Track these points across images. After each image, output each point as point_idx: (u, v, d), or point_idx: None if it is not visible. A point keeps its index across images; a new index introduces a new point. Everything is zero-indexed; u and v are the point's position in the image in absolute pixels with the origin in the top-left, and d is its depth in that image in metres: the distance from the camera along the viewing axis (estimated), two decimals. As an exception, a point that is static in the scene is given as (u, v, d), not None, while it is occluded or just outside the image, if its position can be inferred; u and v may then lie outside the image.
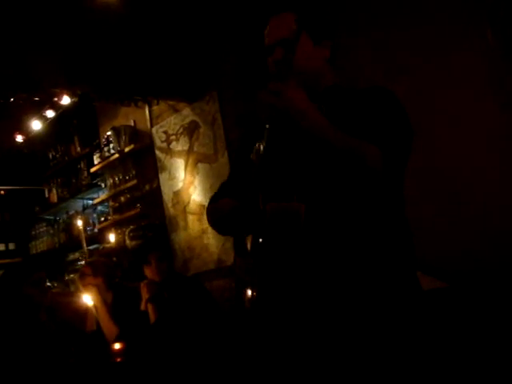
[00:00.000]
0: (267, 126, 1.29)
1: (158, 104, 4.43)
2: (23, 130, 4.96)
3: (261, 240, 1.27)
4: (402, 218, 1.44)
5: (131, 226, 4.47)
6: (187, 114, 4.27)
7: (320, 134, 1.28)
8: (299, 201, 1.25)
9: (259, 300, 1.24)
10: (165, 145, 4.45)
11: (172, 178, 4.39)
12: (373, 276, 1.33)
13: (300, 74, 1.41)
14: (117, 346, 2.73)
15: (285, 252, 1.31)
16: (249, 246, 1.32)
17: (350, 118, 1.37)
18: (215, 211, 1.53)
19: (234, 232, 1.38)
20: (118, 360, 2.70)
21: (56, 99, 4.20)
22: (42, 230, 5.79)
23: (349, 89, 1.51)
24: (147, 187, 4.59)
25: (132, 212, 4.57)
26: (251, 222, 1.30)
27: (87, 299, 2.99)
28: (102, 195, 4.99)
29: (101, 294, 3.16)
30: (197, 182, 4.18)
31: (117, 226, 4.71)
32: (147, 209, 4.53)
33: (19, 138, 5.06)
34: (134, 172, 4.63)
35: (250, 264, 1.27)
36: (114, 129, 4.75)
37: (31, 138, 5.07)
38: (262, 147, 1.28)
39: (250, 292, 1.22)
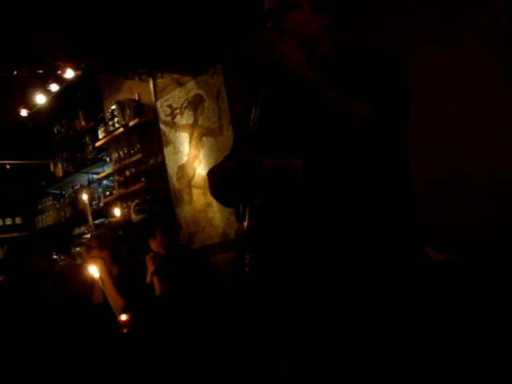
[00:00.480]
0: (261, 89, 1.28)
1: (162, 77, 4.40)
2: (27, 104, 4.96)
3: (258, 202, 1.25)
4: (405, 179, 1.43)
5: (136, 200, 4.48)
6: (191, 87, 4.24)
7: (308, 87, 1.28)
8: (296, 158, 1.23)
9: (258, 264, 1.24)
10: (169, 119, 4.43)
11: (177, 152, 4.38)
12: (372, 238, 1.31)
13: (298, 38, 1.42)
14: (123, 317, 2.77)
15: (282, 212, 1.29)
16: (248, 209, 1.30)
17: (348, 80, 1.37)
18: (215, 170, 1.51)
19: (233, 195, 1.36)
20: (125, 331, 2.74)
21: (60, 72, 4.19)
22: (48, 204, 5.82)
23: (347, 54, 1.51)
24: (152, 161, 4.59)
25: (137, 186, 4.58)
26: (250, 183, 1.27)
27: (93, 271, 3.01)
28: (107, 169, 5.00)
29: (106, 266, 3.19)
30: (201, 155, 4.17)
31: (122, 200, 4.73)
32: (152, 183, 4.54)
33: (24, 112, 5.06)
34: (138, 146, 4.63)
35: (248, 227, 1.25)
36: (118, 103, 4.73)
37: (36, 112, 5.06)
38: (256, 110, 1.27)
39: (248, 256, 1.22)
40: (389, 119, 1.32)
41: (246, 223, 1.26)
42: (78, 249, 5.16)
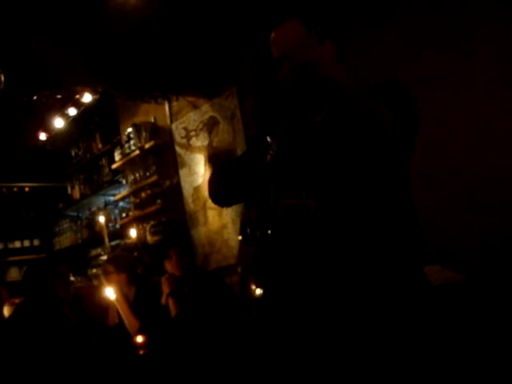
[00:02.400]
0: (282, 125, 1.31)
1: (177, 100, 4.47)
2: (46, 128, 5.06)
3: (270, 232, 1.30)
4: (410, 212, 1.44)
5: (152, 222, 4.51)
6: (206, 109, 4.29)
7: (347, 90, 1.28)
8: (308, 198, 1.27)
9: (267, 293, 1.27)
10: (185, 141, 4.48)
11: (192, 173, 4.42)
12: (379, 271, 1.34)
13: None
14: (139, 339, 2.77)
15: (295, 246, 1.34)
16: (251, 233, 1.35)
17: None
18: (211, 181, 1.62)
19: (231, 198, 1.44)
20: (141, 353, 2.74)
21: (78, 97, 4.28)
22: (65, 226, 5.89)
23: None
24: (167, 183, 4.63)
25: (153, 208, 4.61)
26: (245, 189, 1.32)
27: (109, 294, 3.03)
28: (123, 191, 5.05)
29: (123, 288, 3.21)
30: (216, 177, 4.19)
31: (138, 221, 4.76)
32: (168, 204, 4.57)
33: (43, 136, 5.16)
34: (154, 168, 4.67)
35: (254, 252, 1.30)
36: (134, 125, 4.81)
37: (54, 136, 5.16)
38: (274, 146, 1.30)
39: (254, 281, 1.26)
40: (403, 132, 1.34)
41: (252, 248, 1.29)
42: (94, 270, 5.19)
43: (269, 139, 1.31)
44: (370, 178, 1.37)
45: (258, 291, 1.31)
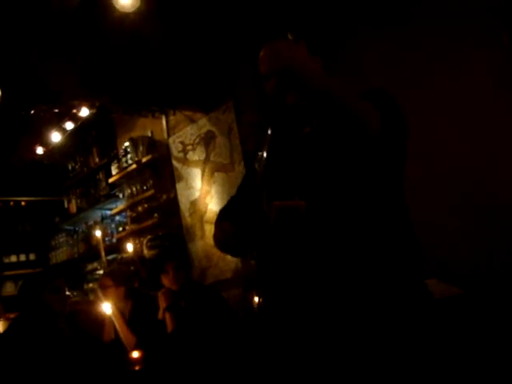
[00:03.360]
0: (269, 131, 1.31)
1: (174, 114, 4.48)
2: (43, 142, 5.07)
3: (265, 242, 1.29)
4: (405, 218, 1.44)
5: (149, 236, 4.50)
6: (203, 124, 4.31)
7: (325, 94, 1.26)
8: (301, 200, 1.27)
9: (266, 301, 1.26)
10: (181, 155, 4.49)
11: (189, 187, 4.42)
12: (373, 275, 1.33)
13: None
14: (135, 354, 2.75)
15: (289, 251, 1.34)
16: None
17: None
18: (217, 236, 1.67)
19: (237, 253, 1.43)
20: (137, 368, 2.72)
21: (75, 111, 4.29)
22: (61, 240, 5.87)
23: None
24: (164, 197, 4.63)
25: (149, 222, 4.61)
26: (251, 244, 1.36)
27: (105, 308, 3.01)
28: (120, 205, 5.04)
29: (120, 302, 3.19)
30: (213, 191, 4.21)
31: (135, 235, 4.76)
32: (164, 218, 4.56)
33: (40, 150, 5.17)
34: (151, 182, 4.68)
35: (257, 265, 1.29)
36: (131, 139, 4.82)
37: (51, 150, 5.16)
38: (264, 153, 1.30)
39: (255, 293, 1.25)
40: (393, 134, 1.33)
41: (253, 261, 1.29)
42: (90, 285, 5.17)
43: (259, 152, 1.32)
44: (362, 184, 1.37)
45: (256, 299, 1.29)
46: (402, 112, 1.42)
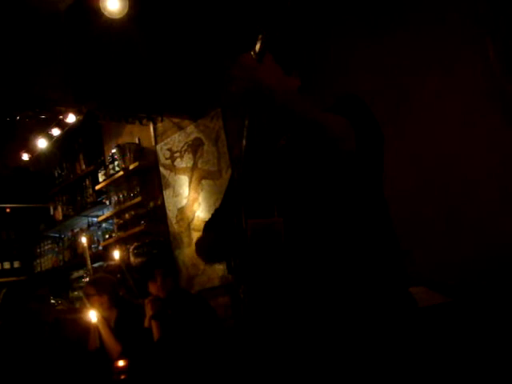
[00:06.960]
0: (244, 142, 1.31)
1: (162, 121, 4.47)
2: (29, 148, 5.02)
3: (239, 260, 1.34)
4: (386, 226, 1.43)
5: (135, 243, 4.48)
6: (191, 131, 4.30)
7: (290, 106, 1.26)
8: (279, 215, 1.26)
9: (248, 315, 1.26)
10: (169, 162, 4.47)
11: (176, 194, 4.40)
12: (357, 290, 1.33)
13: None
14: (120, 363, 2.72)
15: (268, 267, 1.33)
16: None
17: None
18: (198, 248, 1.72)
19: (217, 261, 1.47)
20: (122, 377, 2.68)
21: (61, 117, 4.26)
22: (46, 247, 5.81)
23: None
24: (152, 204, 4.60)
25: (136, 229, 4.57)
26: (230, 253, 1.38)
27: (90, 317, 2.98)
28: (107, 212, 5.00)
29: (105, 311, 3.16)
30: (201, 198, 4.19)
31: (121, 243, 4.72)
32: (152, 226, 4.53)
33: (25, 157, 5.12)
34: (138, 189, 4.65)
35: (235, 280, 1.30)
36: (118, 146, 4.79)
37: (37, 157, 5.12)
38: (239, 168, 1.30)
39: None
40: (367, 140, 1.33)
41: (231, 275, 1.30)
42: (76, 293, 5.12)
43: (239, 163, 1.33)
44: (340, 196, 1.36)
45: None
46: (376, 119, 1.42)
